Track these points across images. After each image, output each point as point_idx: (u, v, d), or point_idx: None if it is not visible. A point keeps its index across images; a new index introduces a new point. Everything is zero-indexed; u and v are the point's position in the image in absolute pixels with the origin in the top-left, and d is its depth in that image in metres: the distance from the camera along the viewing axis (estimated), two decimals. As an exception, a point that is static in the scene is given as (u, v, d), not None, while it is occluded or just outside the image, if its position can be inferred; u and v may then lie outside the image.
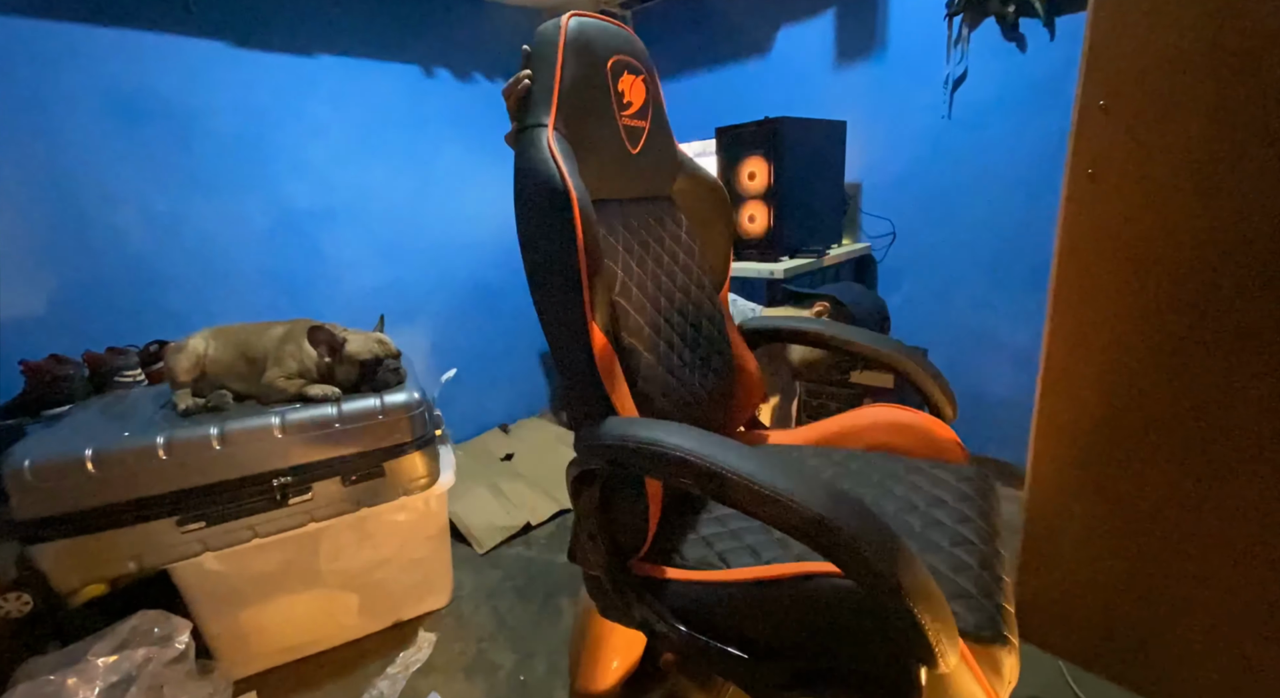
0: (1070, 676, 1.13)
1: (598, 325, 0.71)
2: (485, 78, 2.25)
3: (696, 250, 1.02)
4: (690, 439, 0.61)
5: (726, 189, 1.10)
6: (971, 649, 0.57)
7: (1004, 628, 0.59)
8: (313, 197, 1.92)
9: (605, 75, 0.82)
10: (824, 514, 0.51)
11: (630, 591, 0.73)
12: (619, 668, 1.02)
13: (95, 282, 1.58)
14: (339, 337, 1.26)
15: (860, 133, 1.88)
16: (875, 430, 1.01)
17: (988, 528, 0.74)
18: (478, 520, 1.81)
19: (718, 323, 1.03)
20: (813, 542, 0.52)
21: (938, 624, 0.50)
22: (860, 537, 0.50)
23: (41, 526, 1.04)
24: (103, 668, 0.99)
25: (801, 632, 0.61)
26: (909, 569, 0.50)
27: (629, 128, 0.87)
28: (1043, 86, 1.55)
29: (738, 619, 0.65)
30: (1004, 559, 0.71)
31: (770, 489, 0.54)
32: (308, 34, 1.83)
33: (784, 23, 2.00)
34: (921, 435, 0.97)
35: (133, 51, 1.57)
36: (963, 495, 0.81)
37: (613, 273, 0.82)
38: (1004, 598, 0.63)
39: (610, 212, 0.87)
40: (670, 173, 1.00)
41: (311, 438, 1.18)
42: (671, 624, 0.69)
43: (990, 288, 1.76)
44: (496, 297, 2.42)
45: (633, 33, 0.91)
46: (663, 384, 0.85)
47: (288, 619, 1.29)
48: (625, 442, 0.64)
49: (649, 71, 0.91)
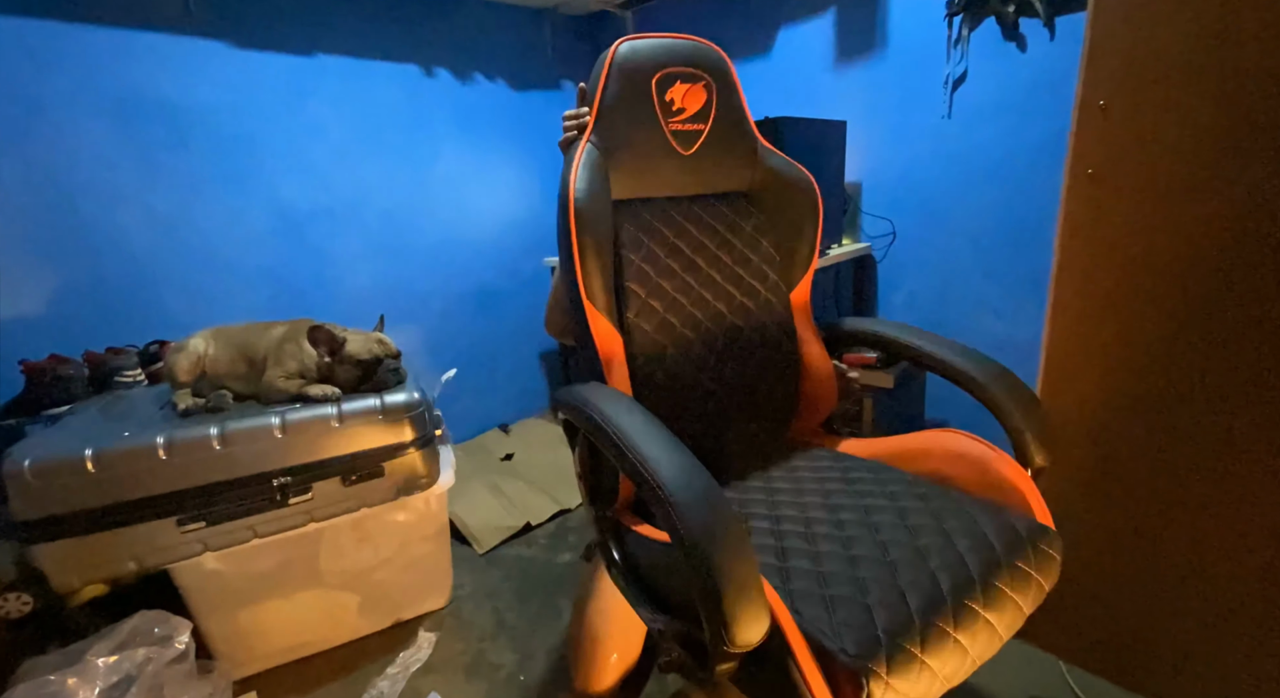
0: (1070, 676, 1.13)
1: (597, 308, 0.83)
2: (485, 78, 2.25)
3: (765, 244, 1.05)
4: (607, 403, 0.70)
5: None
6: (831, 668, 0.57)
7: (876, 663, 0.56)
8: (313, 196, 1.92)
9: (650, 89, 0.92)
10: (661, 480, 0.58)
11: (604, 533, 0.84)
12: (618, 667, 1.02)
13: (95, 282, 1.58)
14: (339, 337, 1.26)
15: (860, 133, 1.88)
16: (937, 456, 0.92)
17: (976, 581, 0.66)
18: (478, 520, 1.81)
19: (778, 317, 1.04)
20: (656, 508, 0.58)
21: (733, 601, 0.51)
22: (682, 506, 0.55)
23: (41, 525, 1.04)
24: (103, 668, 0.99)
25: (675, 593, 0.69)
26: (722, 547, 0.53)
27: (679, 132, 0.96)
28: (1043, 86, 1.54)
29: (657, 575, 0.75)
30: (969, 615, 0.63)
31: (633, 450, 0.62)
32: (308, 34, 1.83)
33: (784, 23, 2.00)
34: (985, 474, 0.84)
35: (133, 51, 1.57)
36: (980, 544, 0.71)
37: (629, 262, 0.91)
38: (921, 646, 0.59)
39: (648, 208, 0.97)
40: (744, 170, 1.05)
41: (311, 438, 1.18)
42: (616, 563, 0.81)
43: (990, 288, 1.76)
44: (496, 297, 2.42)
45: (704, 43, 0.98)
46: (670, 367, 0.93)
47: (288, 619, 1.29)
48: (567, 398, 0.76)
49: (715, 76, 0.98)
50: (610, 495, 0.84)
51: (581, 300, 0.83)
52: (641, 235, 0.94)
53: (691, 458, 0.61)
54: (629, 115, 0.91)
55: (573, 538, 1.75)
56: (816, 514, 0.84)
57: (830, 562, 0.73)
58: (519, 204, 2.40)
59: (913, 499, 0.84)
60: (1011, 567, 0.69)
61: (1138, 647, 1.06)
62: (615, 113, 0.90)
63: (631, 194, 0.95)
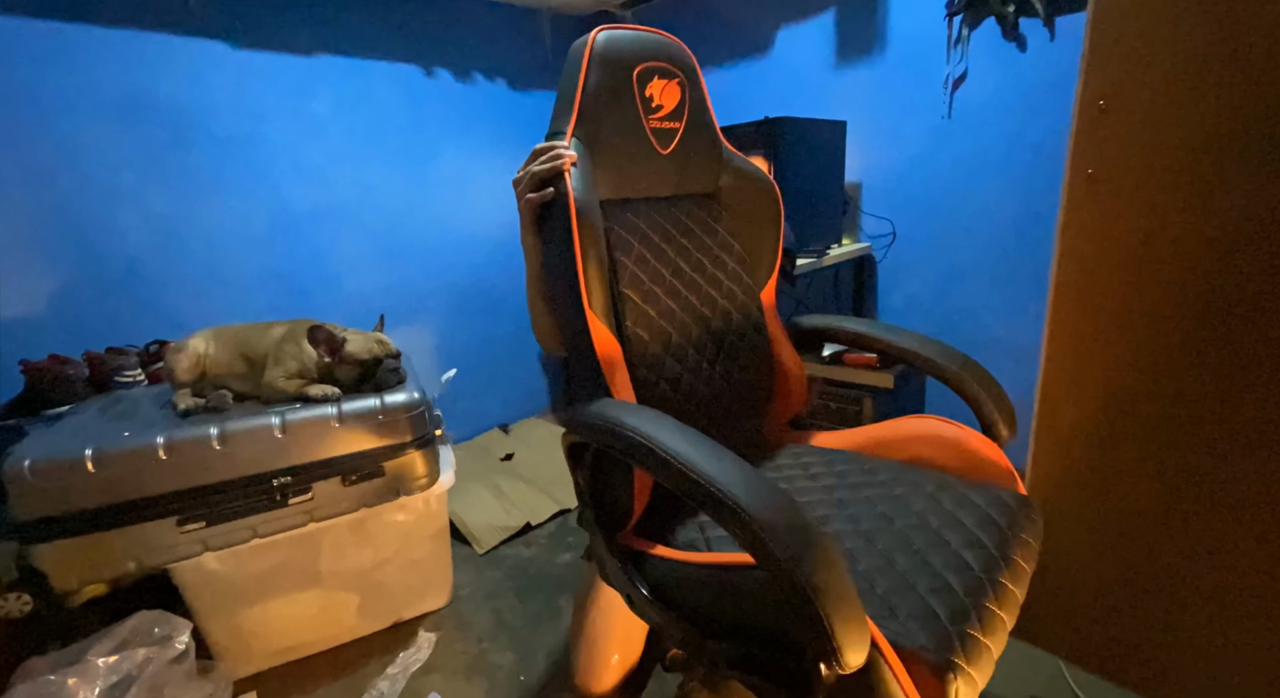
0: (1070, 676, 1.13)
1: (596, 314, 0.77)
2: (485, 78, 2.25)
3: (736, 246, 1.03)
4: (646, 422, 0.65)
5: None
6: (914, 670, 0.56)
7: (955, 654, 0.56)
8: (313, 196, 1.92)
9: (631, 82, 0.88)
10: (739, 500, 0.53)
11: (616, 559, 0.78)
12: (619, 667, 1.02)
13: (95, 282, 1.58)
14: (339, 337, 1.26)
15: (860, 133, 1.88)
16: (917, 442, 0.95)
17: (999, 557, 0.70)
18: (478, 520, 1.81)
19: (753, 319, 1.03)
20: (731, 528, 0.54)
21: (843, 623, 0.49)
22: (770, 527, 0.51)
23: (41, 525, 1.04)
24: (103, 668, 0.99)
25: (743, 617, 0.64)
26: (819, 567, 0.49)
27: (658, 130, 0.92)
28: (1043, 86, 1.55)
29: (701, 599, 0.69)
30: (1006, 591, 0.66)
31: (695, 471, 0.57)
32: (308, 34, 1.83)
33: (784, 23, 2.00)
34: (963, 453, 0.89)
35: (133, 51, 1.57)
36: (986, 521, 0.76)
37: (622, 266, 0.87)
38: (981, 629, 0.60)
39: (631, 209, 0.93)
40: (713, 170, 1.02)
41: (311, 438, 1.18)
42: (642, 595, 0.74)
43: (990, 288, 1.76)
44: (496, 297, 2.42)
45: (672, 39, 0.95)
46: (669, 373, 0.90)
47: (288, 619, 1.29)
48: (593, 420, 0.70)
49: (686, 74, 0.95)
50: (624, 519, 0.80)
51: (583, 308, 0.76)
52: (630, 238, 0.90)
53: (758, 473, 0.57)
54: (612, 109, 0.86)
55: (573, 538, 1.75)
56: (827, 512, 0.83)
57: (864, 558, 0.72)
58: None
59: (907, 486, 0.85)
60: (1018, 539, 0.73)
61: (1138, 647, 1.06)
62: (599, 107, 0.85)
63: (615, 194, 0.91)
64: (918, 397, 1.94)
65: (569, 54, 0.87)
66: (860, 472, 0.92)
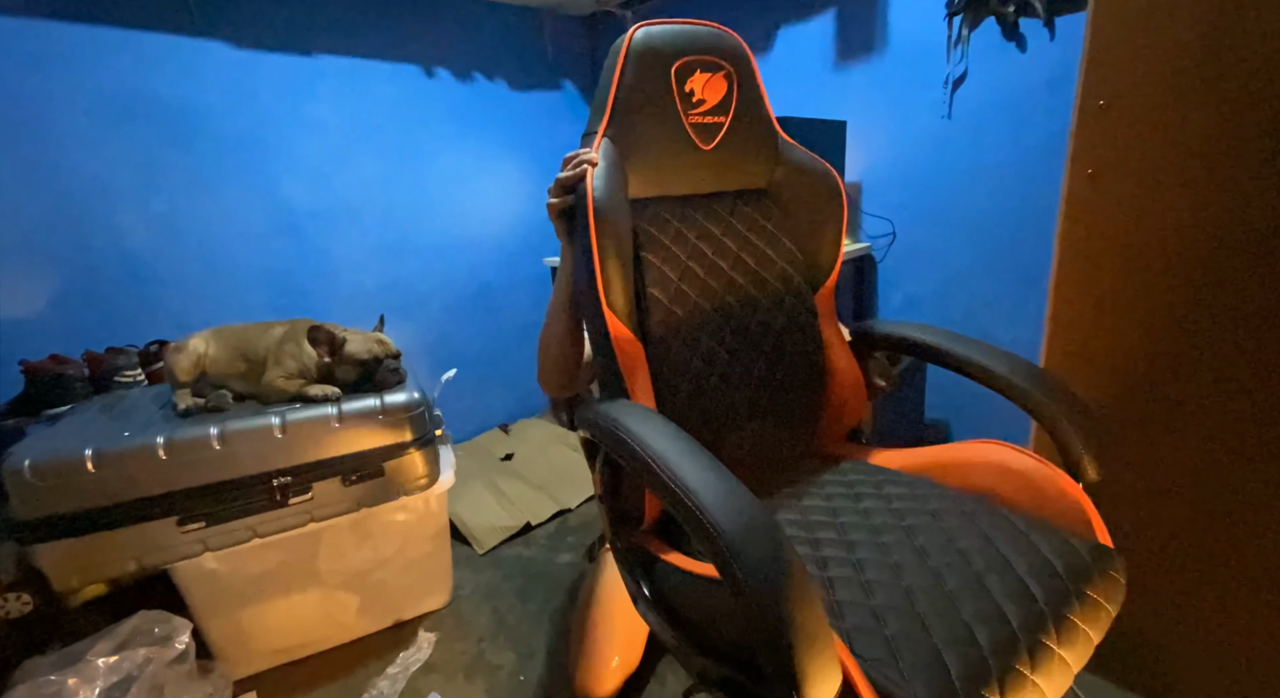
0: (1070, 676, 1.13)
1: (616, 314, 0.76)
2: (485, 78, 2.25)
3: (788, 244, 0.98)
4: (640, 425, 0.63)
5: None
6: None
7: None
8: (313, 196, 1.92)
9: (670, 78, 0.86)
10: (714, 517, 0.51)
11: (625, 557, 0.78)
12: (620, 671, 1.01)
13: (95, 282, 1.58)
14: (339, 337, 1.26)
15: (860, 133, 1.88)
16: (979, 470, 0.84)
17: (1048, 614, 0.60)
18: (478, 520, 1.81)
19: (801, 322, 0.97)
20: (705, 546, 0.51)
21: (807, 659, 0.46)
22: (739, 549, 0.48)
23: (41, 526, 1.04)
24: (103, 668, 0.99)
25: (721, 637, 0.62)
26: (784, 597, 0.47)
27: (699, 126, 0.90)
28: (1043, 86, 1.54)
29: (694, 611, 0.67)
30: (1050, 656, 0.57)
31: (676, 481, 0.54)
32: (308, 34, 1.83)
33: (784, 23, 2.00)
34: (1032, 488, 0.78)
35: (133, 51, 1.57)
36: (1043, 569, 0.65)
37: (649, 265, 0.85)
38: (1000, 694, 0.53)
39: (665, 207, 0.91)
40: (765, 165, 0.99)
41: (311, 438, 1.18)
42: (645, 598, 0.73)
43: (990, 287, 1.76)
44: (497, 297, 2.42)
45: (724, 30, 0.92)
46: (695, 377, 0.86)
47: (288, 619, 1.29)
48: (595, 419, 0.69)
49: (736, 66, 0.92)
50: (636, 520, 0.79)
51: (601, 308, 0.75)
52: (661, 237, 0.88)
53: (742, 488, 0.54)
54: (647, 107, 0.85)
55: (573, 538, 1.75)
56: (858, 537, 0.76)
57: (882, 593, 0.65)
58: (519, 204, 2.39)
59: (959, 518, 0.76)
60: (1080, 595, 0.63)
61: (1139, 647, 1.06)
62: (632, 104, 0.84)
63: (648, 192, 0.89)
64: (918, 397, 1.94)
65: (609, 53, 0.86)
66: (910, 497, 0.83)
